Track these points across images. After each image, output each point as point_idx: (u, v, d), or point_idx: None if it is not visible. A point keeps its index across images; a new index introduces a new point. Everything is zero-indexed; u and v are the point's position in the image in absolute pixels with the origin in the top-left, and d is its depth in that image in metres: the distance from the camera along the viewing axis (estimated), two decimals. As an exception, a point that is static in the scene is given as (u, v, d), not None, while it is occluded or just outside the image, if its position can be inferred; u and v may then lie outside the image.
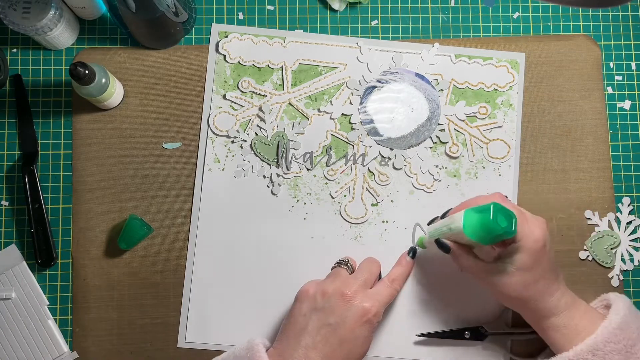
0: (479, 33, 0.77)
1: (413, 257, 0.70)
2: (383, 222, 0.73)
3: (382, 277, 0.69)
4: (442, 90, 0.75)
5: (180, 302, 0.72)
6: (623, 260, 0.73)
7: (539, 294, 0.62)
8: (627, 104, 0.76)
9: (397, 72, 0.75)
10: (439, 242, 0.66)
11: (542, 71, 0.76)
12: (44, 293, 0.71)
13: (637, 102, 0.77)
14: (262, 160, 0.74)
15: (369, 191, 0.74)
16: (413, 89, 0.75)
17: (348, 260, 0.69)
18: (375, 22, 0.77)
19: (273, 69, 0.75)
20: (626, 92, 0.77)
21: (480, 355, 0.71)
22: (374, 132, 0.74)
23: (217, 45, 0.75)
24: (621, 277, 0.73)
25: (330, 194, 0.73)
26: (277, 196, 0.73)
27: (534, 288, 0.62)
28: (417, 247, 0.71)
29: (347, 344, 0.62)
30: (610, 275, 0.73)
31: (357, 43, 0.76)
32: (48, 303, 0.71)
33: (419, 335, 0.71)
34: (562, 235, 0.74)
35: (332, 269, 0.70)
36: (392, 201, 0.73)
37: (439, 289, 0.72)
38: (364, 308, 0.63)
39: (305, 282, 0.66)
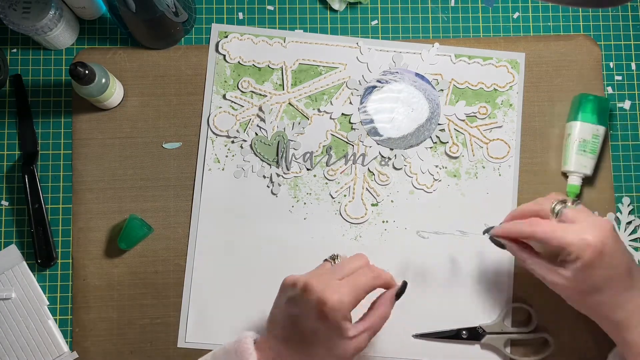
0: (479, 33, 0.77)
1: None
2: (383, 222, 0.73)
3: (381, 294, 0.63)
4: (442, 90, 0.75)
5: (180, 302, 0.72)
6: (623, 260, 0.73)
7: (604, 304, 0.58)
8: (627, 104, 0.76)
9: (397, 72, 0.75)
10: (493, 239, 0.65)
11: (542, 71, 0.76)
12: (44, 293, 0.71)
13: (637, 102, 0.77)
14: (262, 160, 0.74)
15: (369, 191, 0.74)
16: (413, 89, 0.74)
17: (337, 256, 0.65)
18: (375, 22, 0.77)
19: (273, 69, 0.75)
20: (626, 92, 0.77)
21: (477, 355, 0.71)
22: (374, 132, 0.74)
23: (217, 45, 0.75)
24: (621, 277, 0.73)
25: (330, 194, 0.73)
26: (277, 196, 0.73)
27: (597, 297, 0.57)
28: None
29: (307, 338, 0.58)
30: (610, 275, 0.73)
31: (357, 43, 0.76)
32: (48, 303, 0.71)
33: (415, 336, 0.71)
34: (562, 235, 0.74)
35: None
36: (392, 201, 0.73)
37: (436, 289, 0.72)
38: (319, 299, 0.56)
39: None
